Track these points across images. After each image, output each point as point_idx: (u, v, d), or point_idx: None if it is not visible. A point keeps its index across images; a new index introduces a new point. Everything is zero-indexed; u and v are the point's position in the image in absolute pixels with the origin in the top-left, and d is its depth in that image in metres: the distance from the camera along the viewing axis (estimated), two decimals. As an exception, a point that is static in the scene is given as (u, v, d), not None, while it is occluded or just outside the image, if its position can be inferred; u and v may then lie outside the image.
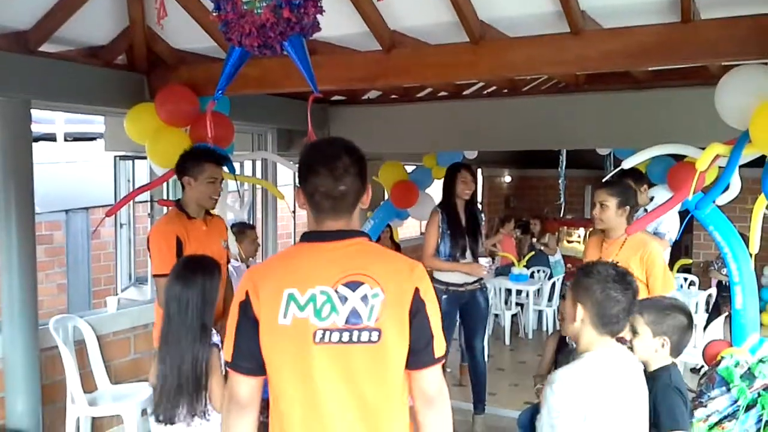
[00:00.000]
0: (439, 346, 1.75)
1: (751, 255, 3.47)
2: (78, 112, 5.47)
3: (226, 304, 3.77)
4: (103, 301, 4.89)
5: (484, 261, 4.64)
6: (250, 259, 5.15)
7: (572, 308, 2.08)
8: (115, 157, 5.83)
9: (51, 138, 9.22)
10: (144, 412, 4.18)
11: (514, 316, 7.97)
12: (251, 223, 5.71)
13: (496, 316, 7.81)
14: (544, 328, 8.11)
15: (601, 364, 2.03)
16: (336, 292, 1.70)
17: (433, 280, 4.38)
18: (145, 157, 4.43)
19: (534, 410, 4.02)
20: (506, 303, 7.85)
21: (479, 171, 8.69)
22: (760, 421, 2.60)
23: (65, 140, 9.35)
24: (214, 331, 2.70)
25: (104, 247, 7.79)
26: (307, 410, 1.73)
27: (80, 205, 7.62)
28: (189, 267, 2.73)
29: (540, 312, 8.24)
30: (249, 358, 1.75)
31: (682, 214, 3.95)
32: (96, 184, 7.25)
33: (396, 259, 1.82)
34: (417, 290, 1.72)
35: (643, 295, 3.31)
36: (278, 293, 1.71)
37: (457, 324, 4.86)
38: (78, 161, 7.92)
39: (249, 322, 1.74)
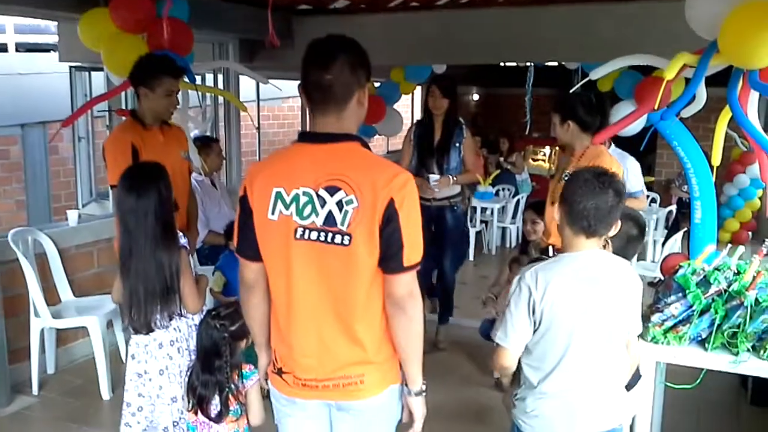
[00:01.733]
0: (410, 256, 1.80)
1: (712, 168, 3.52)
2: (28, 16, 5.19)
3: (189, 217, 3.73)
4: (63, 217, 4.79)
5: (432, 178, 4.48)
6: (214, 173, 5.07)
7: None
8: (71, 67, 5.61)
9: (2, 48, 8.81)
10: (109, 324, 4.19)
11: (478, 233, 8.09)
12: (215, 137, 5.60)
13: (462, 233, 7.90)
14: (508, 245, 8.27)
15: (572, 264, 2.06)
16: (317, 194, 1.78)
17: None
18: (101, 69, 4.26)
19: (494, 320, 4.17)
20: (471, 220, 7.94)
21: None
22: (712, 324, 2.68)
23: (17, 51, 8.95)
24: (181, 234, 2.67)
25: (64, 163, 7.60)
26: (288, 298, 1.87)
27: (36, 119, 7.36)
28: (137, 177, 2.63)
29: (504, 229, 8.38)
30: (250, 247, 1.90)
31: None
32: (52, 97, 6.99)
33: (379, 168, 1.82)
34: (392, 200, 1.75)
35: None
36: (268, 190, 1.83)
37: None
38: (32, 73, 7.60)
39: (247, 215, 1.88)
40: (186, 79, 4.11)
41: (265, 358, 2.09)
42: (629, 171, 4.34)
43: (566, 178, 2.18)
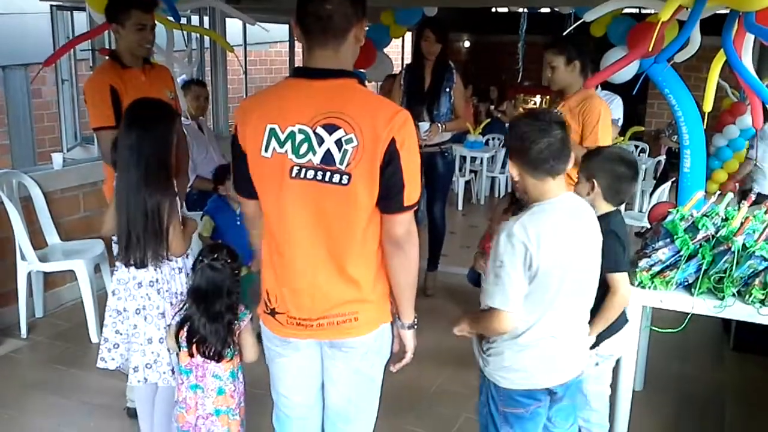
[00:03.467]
0: (410, 196, 1.78)
1: (703, 114, 3.50)
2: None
3: (179, 162, 3.67)
4: (48, 162, 4.71)
5: (422, 128, 4.40)
6: (201, 117, 5.00)
7: (511, 169, 2.05)
8: (52, 6, 5.44)
9: (-20, -12, 8.53)
10: (97, 267, 4.17)
11: (467, 182, 8.08)
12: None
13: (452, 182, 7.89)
14: (496, 194, 8.27)
15: (554, 211, 2.00)
16: (314, 132, 1.73)
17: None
18: (84, 8, 4.14)
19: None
20: (460, 170, 7.92)
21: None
22: (699, 269, 2.70)
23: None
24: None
25: (47, 107, 7.44)
26: (282, 237, 1.85)
27: (17, 61, 7.17)
28: (144, 111, 2.56)
29: (493, 179, 8.37)
30: (246, 185, 1.87)
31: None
32: (33, 38, 6.79)
33: (378, 106, 1.78)
34: (393, 140, 1.71)
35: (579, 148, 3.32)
36: (261, 127, 1.77)
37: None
38: (12, 13, 7.38)
39: (239, 154, 1.84)
40: (171, 19, 4.02)
41: None
42: (612, 104, 4.37)
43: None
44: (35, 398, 3.40)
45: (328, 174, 1.73)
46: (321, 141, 1.72)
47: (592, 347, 2.40)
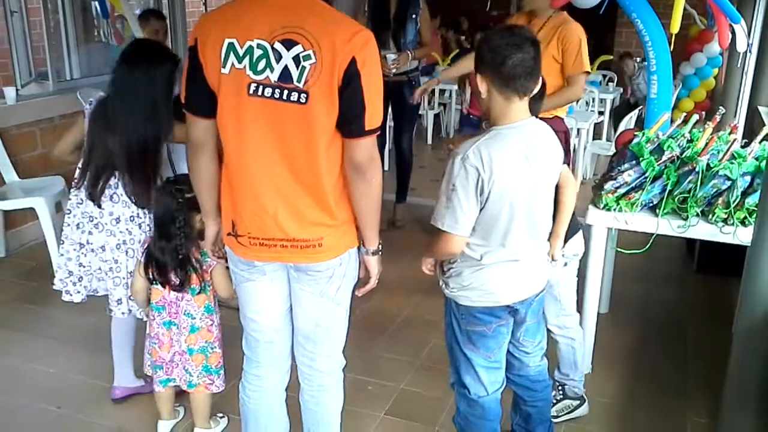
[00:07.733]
0: (372, 119, 1.73)
1: (670, 37, 3.47)
2: None
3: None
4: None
5: (390, 58, 4.33)
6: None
7: (480, 84, 1.96)
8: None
9: None
10: (58, 205, 4.08)
11: (436, 115, 8.00)
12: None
13: (420, 116, 7.81)
14: (466, 128, 8.22)
15: (513, 137, 1.95)
16: (272, 47, 1.68)
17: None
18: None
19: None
20: (429, 103, 7.83)
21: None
22: (663, 190, 2.72)
23: None
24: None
25: (-2, 43, 7.14)
26: (241, 158, 1.79)
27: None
28: (141, 48, 2.56)
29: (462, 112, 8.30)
30: (199, 101, 1.80)
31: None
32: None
33: (340, 23, 1.71)
34: (353, 60, 1.66)
35: (556, 75, 3.30)
36: (220, 42, 1.71)
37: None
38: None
39: (196, 67, 1.76)
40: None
41: (213, 226, 2.04)
42: None
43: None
44: (1, 337, 3.35)
45: (285, 92, 1.68)
46: (279, 57, 1.67)
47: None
